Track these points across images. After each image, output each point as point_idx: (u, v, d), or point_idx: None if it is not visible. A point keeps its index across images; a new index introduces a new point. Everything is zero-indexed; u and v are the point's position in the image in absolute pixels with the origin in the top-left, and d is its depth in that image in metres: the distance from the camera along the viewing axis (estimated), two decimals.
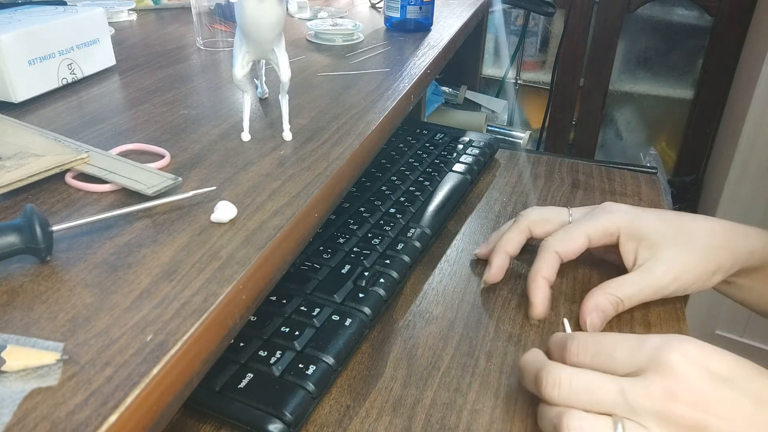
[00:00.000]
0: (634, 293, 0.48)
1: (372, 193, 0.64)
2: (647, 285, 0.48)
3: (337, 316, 0.46)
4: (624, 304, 0.48)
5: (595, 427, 0.35)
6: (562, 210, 0.55)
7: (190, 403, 0.40)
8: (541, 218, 0.54)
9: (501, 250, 0.53)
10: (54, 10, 0.57)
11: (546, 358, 0.40)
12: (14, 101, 0.52)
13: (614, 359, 0.37)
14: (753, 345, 1.46)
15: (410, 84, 0.61)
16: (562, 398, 0.36)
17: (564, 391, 0.36)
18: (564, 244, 0.50)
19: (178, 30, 0.78)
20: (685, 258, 0.48)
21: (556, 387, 0.37)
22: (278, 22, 0.44)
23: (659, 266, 0.48)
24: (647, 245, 0.49)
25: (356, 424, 0.41)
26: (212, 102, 0.56)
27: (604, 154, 1.83)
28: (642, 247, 0.49)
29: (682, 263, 0.48)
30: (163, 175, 0.41)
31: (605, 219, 0.51)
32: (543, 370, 0.38)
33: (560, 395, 0.36)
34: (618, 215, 0.50)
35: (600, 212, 0.52)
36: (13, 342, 0.28)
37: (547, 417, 0.37)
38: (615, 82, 1.72)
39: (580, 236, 0.50)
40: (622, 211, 0.51)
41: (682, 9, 1.60)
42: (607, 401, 0.35)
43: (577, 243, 0.50)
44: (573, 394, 0.36)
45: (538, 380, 0.38)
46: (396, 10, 0.80)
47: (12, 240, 0.32)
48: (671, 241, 0.48)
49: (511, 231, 0.54)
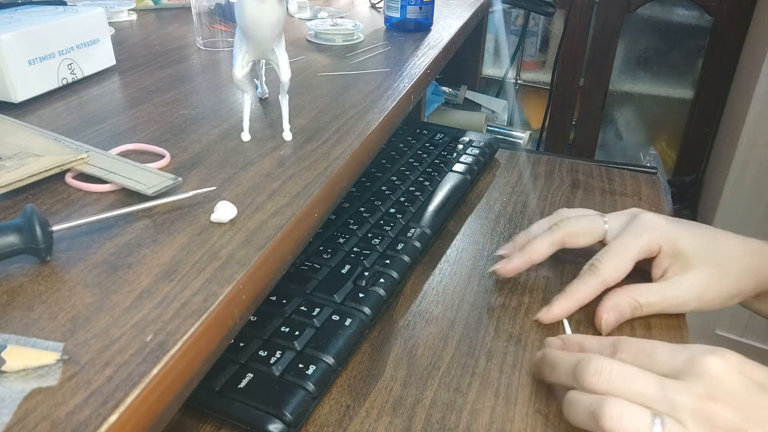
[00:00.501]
0: (656, 302, 0.49)
1: (372, 193, 0.64)
2: (671, 297, 0.48)
3: (337, 316, 0.46)
4: (642, 310, 0.49)
5: (636, 415, 0.35)
6: (596, 220, 0.53)
7: (190, 403, 0.40)
8: (577, 231, 0.52)
9: (527, 255, 0.52)
10: (54, 10, 0.57)
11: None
12: (14, 101, 0.52)
13: (654, 360, 0.37)
14: (753, 345, 1.46)
15: (410, 84, 0.61)
16: (602, 386, 0.37)
17: (604, 378, 0.37)
18: (614, 273, 0.49)
19: (178, 30, 0.78)
20: (713, 281, 0.48)
21: (596, 374, 0.37)
22: (278, 22, 0.44)
23: (686, 282, 0.48)
24: (681, 262, 0.49)
25: (356, 424, 0.41)
26: (212, 102, 0.56)
27: (604, 154, 1.83)
28: (676, 264, 0.49)
29: (708, 284, 0.48)
30: (163, 175, 0.41)
31: (648, 238, 0.49)
32: (585, 358, 0.38)
33: (600, 382, 0.37)
34: (659, 234, 0.50)
35: (641, 229, 0.50)
36: (13, 342, 0.28)
37: (583, 403, 0.37)
38: (615, 82, 1.72)
39: (627, 261, 0.49)
40: (662, 228, 0.50)
41: (682, 9, 1.60)
42: (647, 394, 0.35)
43: (625, 268, 0.49)
44: (614, 383, 0.36)
45: (579, 367, 0.38)
46: (396, 10, 0.80)
47: (12, 240, 0.32)
48: (703, 262, 0.49)
49: (544, 240, 0.52)
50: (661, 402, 0.35)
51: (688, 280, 0.48)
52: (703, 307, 0.49)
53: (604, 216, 0.53)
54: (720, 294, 0.49)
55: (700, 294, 0.48)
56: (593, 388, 0.37)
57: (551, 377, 0.41)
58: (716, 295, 0.49)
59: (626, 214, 0.53)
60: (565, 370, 0.40)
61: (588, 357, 0.38)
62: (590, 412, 0.36)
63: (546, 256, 0.53)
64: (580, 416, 0.37)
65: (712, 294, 0.48)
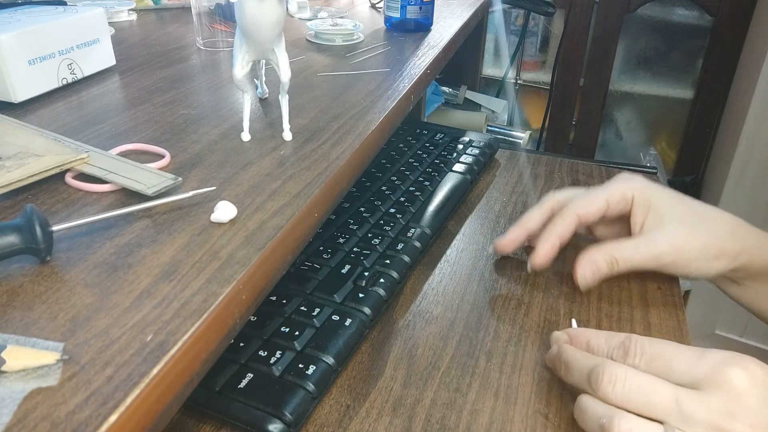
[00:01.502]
0: (630, 255, 0.49)
1: (372, 193, 0.64)
2: (645, 250, 0.49)
3: (337, 316, 0.46)
4: (619, 265, 0.49)
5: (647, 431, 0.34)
6: (580, 189, 0.55)
7: (190, 403, 0.40)
8: (563, 198, 0.54)
9: (522, 225, 0.54)
10: (54, 10, 0.57)
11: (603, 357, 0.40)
12: (14, 101, 0.52)
13: (671, 368, 0.36)
14: (753, 345, 1.46)
15: (410, 84, 0.61)
16: (616, 396, 0.36)
17: (618, 388, 0.36)
18: (584, 206, 0.51)
19: (178, 30, 0.78)
20: (689, 234, 0.49)
21: (611, 384, 0.36)
22: (278, 22, 0.44)
23: (661, 235, 0.49)
24: (656, 215, 0.50)
25: (356, 424, 0.41)
26: (212, 102, 0.56)
27: (604, 154, 1.83)
28: (650, 216, 0.50)
29: (685, 237, 0.49)
30: (163, 175, 0.41)
31: (623, 185, 0.52)
32: (601, 365, 0.37)
33: (614, 392, 0.36)
34: (635, 183, 0.52)
35: (616, 181, 0.53)
36: (13, 342, 0.28)
37: (595, 414, 0.37)
38: (615, 82, 1.72)
39: (599, 199, 0.51)
40: (638, 180, 0.52)
41: (682, 9, 1.60)
42: (661, 407, 0.35)
43: (596, 204, 0.51)
44: (628, 394, 0.36)
45: (594, 374, 0.37)
46: (396, 10, 0.80)
47: (12, 240, 0.32)
48: (680, 217, 0.49)
49: (535, 210, 0.55)
50: (677, 416, 0.34)
51: (664, 234, 0.49)
52: (683, 264, 0.49)
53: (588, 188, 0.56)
54: (698, 250, 0.48)
55: (678, 247, 0.48)
56: (607, 397, 0.36)
57: (566, 377, 0.41)
58: (695, 252, 0.48)
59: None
60: (579, 373, 0.39)
61: (604, 364, 0.37)
62: (600, 425, 0.36)
63: (540, 224, 0.54)
64: (590, 425, 0.37)
65: (690, 249, 0.48)
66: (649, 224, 0.50)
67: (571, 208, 0.52)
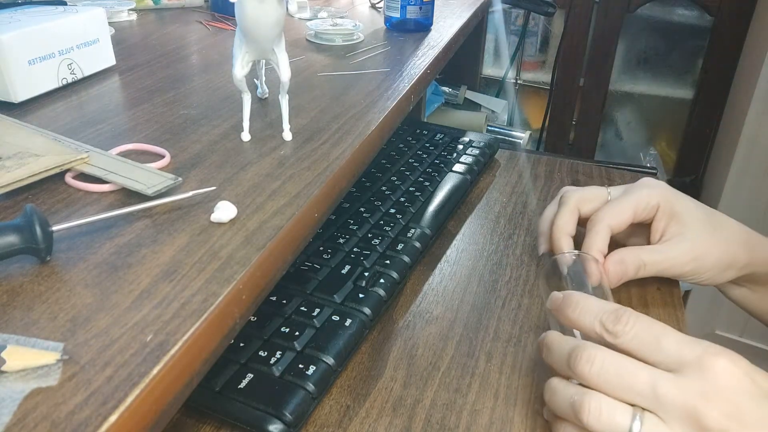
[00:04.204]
0: (657, 261, 0.49)
1: (372, 193, 0.64)
2: (670, 257, 0.49)
3: (337, 316, 0.46)
4: (645, 269, 0.49)
5: (616, 411, 0.34)
6: (601, 188, 0.55)
7: (190, 403, 0.40)
8: (585, 196, 0.54)
9: (562, 233, 0.52)
10: (54, 10, 0.57)
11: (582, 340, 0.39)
12: (14, 101, 0.52)
13: (659, 345, 0.36)
14: (753, 345, 1.46)
15: (410, 84, 0.61)
16: (592, 376, 0.36)
17: (596, 368, 0.36)
18: (615, 217, 0.51)
19: (178, 30, 0.78)
20: (709, 244, 0.49)
21: (588, 363, 0.36)
22: (278, 22, 0.44)
23: (684, 244, 0.49)
24: (678, 223, 0.50)
25: (356, 424, 0.41)
26: (212, 102, 0.56)
27: (604, 154, 1.83)
28: (672, 224, 0.50)
29: (705, 248, 0.49)
30: (163, 175, 0.41)
31: (648, 192, 0.51)
32: (580, 346, 0.37)
33: (591, 372, 0.36)
34: (659, 190, 0.51)
35: (641, 187, 0.52)
36: (13, 342, 0.28)
37: (565, 394, 0.37)
38: (615, 82, 1.72)
39: (628, 209, 0.51)
40: (662, 187, 0.52)
41: (682, 9, 1.60)
42: (635, 390, 0.34)
43: (626, 215, 0.51)
44: (604, 374, 0.35)
45: (573, 354, 0.37)
46: (396, 10, 0.80)
47: (12, 240, 0.32)
48: (700, 225, 0.50)
49: (563, 213, 0.53)
50: (649, 401, 0.34)
51: (687, 242, 0.49)
52: (699, 273, 0.49)
53: (608, 187, 0.55)
54: (714, 261, 0.49)
55: (697, 257, 0.49)
56: (584, 377, 0.36)
57: (547, 359, 0.40)
58: (711, 262, 0.49)
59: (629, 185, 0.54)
60: (559, 354, 0.39)
61: (584, 345, 0.37)
62: (570, 403, 0.36)
63: (574, 225, 0.53)
64: (561, 406, 0.37)
65: (707, 260, 0.49)
66: (672, 232, 0.50)
67: (602, 220, 0.51)
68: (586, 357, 0.36)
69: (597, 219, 0.51)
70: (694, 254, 0.49)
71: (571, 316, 0.39)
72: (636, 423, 0.34)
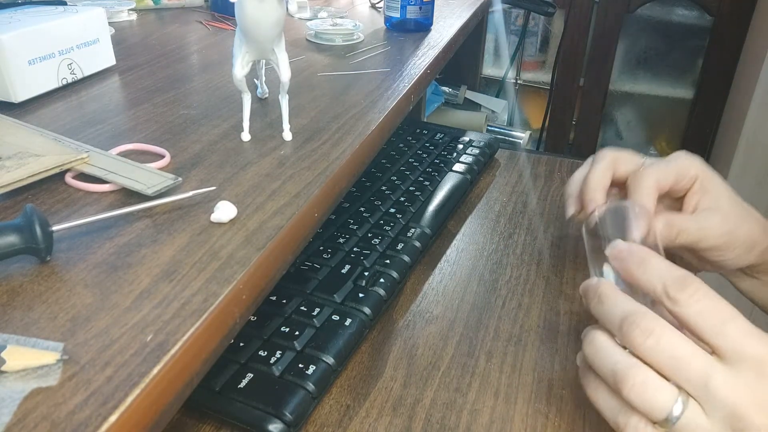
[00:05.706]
0: (691, 230, 0.47)
1: (372, 193, 0.64)
2: (704, 227, 0.47)
3: (337, 316, 0.46)
4: (679, 237, 0.47)
5: (660, 392, 0.33)
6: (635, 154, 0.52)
7: (190, 403, 0.40)
8: (622, 157, 0.51)
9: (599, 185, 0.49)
10: (54, 10, 0.57)
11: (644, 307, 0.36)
12: (14, 101, 0.52)
13: (723, 331, 0.33)
14: None
15: (410, 84, 0.61)
16: (646, 350, 0.33)
17: (650, 343, 0.33)
18: (662, 173, 0.48)
19: (178, 30, 0.78)
20: (739, 220, 0.48)
21: (644, 336, 0.33)
22: (278, 22, 0.44)
23: (718, 216, 0.48)
24: (713, 197, 0.49)
25: (356, 424, 0.41)
26: (212, 102, 0.56)
27: None
28: (707, 197, 0.49)
29: (736, 223, 0.48)
30: (163, 175, 0.41)
31: (689, 162, 0.49)
32: (640, 313, 0.34)
33: (644, 345, 0.33)
34: (698, 162, 0.50)
35: (680, 157, 0.50)
36: (13, 342, 0.28)
37: (610, 356, 0.35)
38: (615, 82, 1.72)
39: (672, 173, 0.48)
40: (700, 160, 0.50)
41: (682, 9, 1.60)
42: (686, 377, 0.33)
43: (670, 179, 0.48)
44: (658, 352, 0.33)
45: (629, 321, 0.34)
46: (396, 10, 0.80)
47: (12, 240, 0.32)
48: (732, 201, 0.49)
49: (598, 167, 0.50)
50: (698, 388, 0.32)
51: (720, 215, 0.48)
52: (728, 248, 0.48)
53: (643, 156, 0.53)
54: (744, 237, 0.48)
55: (730, 230, 0.48)
56: (635, 347, 0.34)
57: (595, 310, 0.37)
58: (741, 239, 0.48)
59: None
60: (612, 311, 0.35)
61: (643, 313, 0.34)
62: (613, 370, 0.34)
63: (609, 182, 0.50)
64: (602, 367, 0.35)
65: (738, 234, 0.48)
66: (706, 204, 0.49)
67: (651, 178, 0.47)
68: (643, 327, 0.33)
69: (644, 175, 0.48)
70: (728, 227, 0.48)
71: (635, 271, 0.37)
72: (677, 406, 0.32)
